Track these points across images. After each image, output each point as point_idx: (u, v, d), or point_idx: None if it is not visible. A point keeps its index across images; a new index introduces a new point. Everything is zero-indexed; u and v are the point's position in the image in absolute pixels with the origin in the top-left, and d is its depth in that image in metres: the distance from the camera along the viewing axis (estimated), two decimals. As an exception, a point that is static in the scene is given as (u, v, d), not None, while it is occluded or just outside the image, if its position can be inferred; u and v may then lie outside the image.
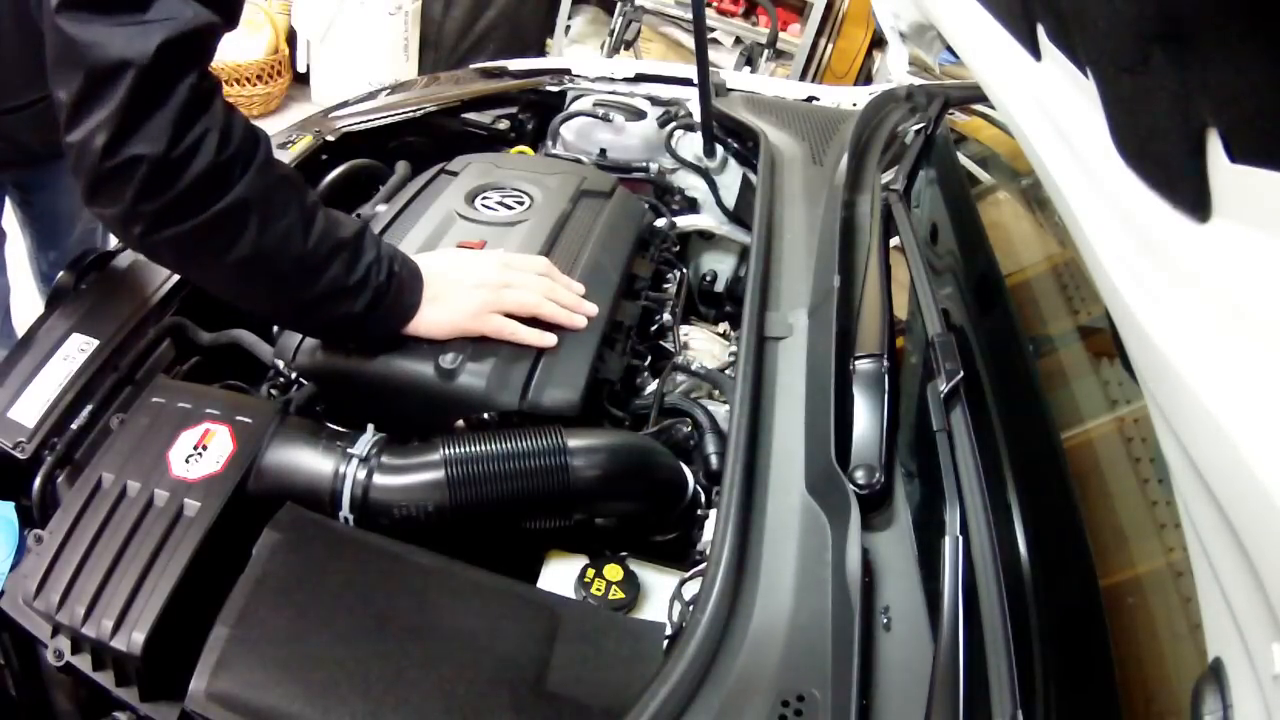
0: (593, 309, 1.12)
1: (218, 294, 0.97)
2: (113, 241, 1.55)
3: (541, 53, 4.56)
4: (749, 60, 4.05)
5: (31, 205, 1.75)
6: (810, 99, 2.03)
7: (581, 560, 0.97)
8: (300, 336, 1.07)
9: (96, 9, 0.72)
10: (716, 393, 1.26)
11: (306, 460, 0.94)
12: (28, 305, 1.93)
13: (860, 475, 0.90)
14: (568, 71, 1.95)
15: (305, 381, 1.11)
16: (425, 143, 1.75)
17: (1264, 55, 0.44)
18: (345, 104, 1.82)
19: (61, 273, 1.21)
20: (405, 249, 1.20)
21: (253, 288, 0.92)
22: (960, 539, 0.79)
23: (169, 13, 0.74)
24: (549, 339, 1.05)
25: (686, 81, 1.87)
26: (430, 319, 1.01)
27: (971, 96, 1.65)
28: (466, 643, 0.81)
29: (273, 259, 0.86)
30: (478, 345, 1.04)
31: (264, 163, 0.84)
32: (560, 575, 0.96)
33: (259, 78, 4.08)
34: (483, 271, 1.05)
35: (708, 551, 0.87)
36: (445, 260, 1.07)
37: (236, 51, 4.01)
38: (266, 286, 0.91)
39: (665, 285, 1.46)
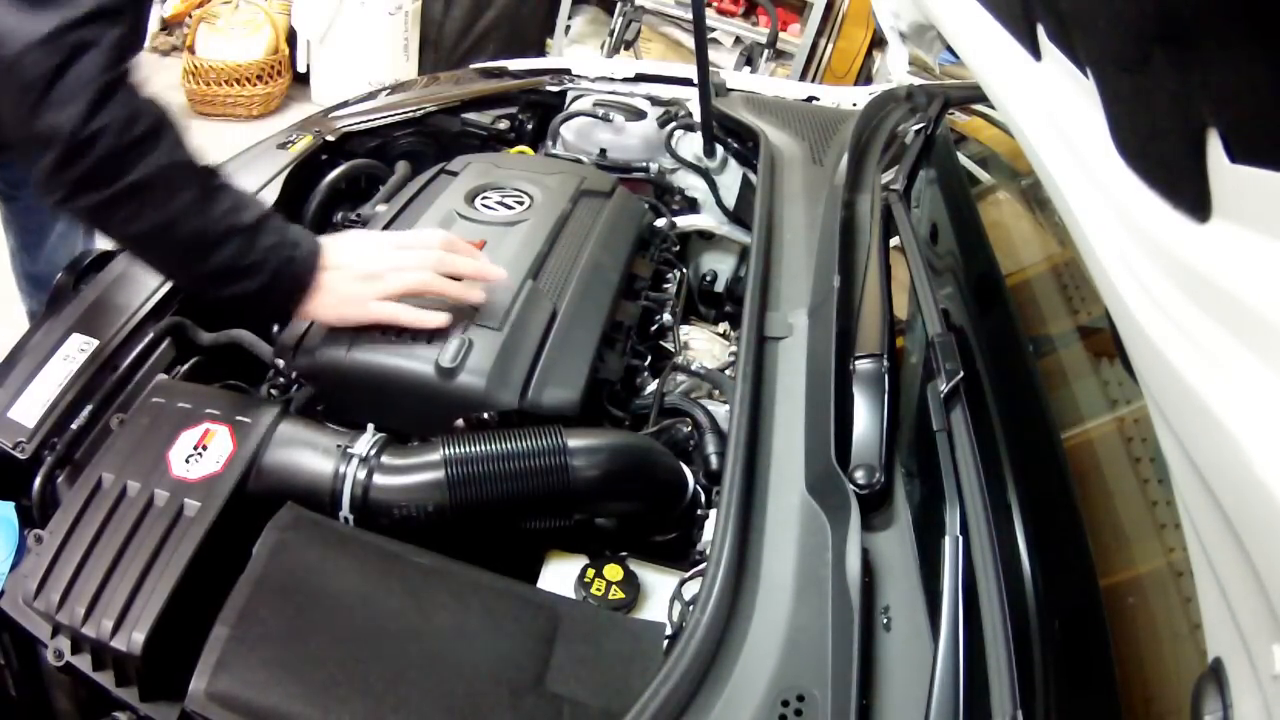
0: (498, 273, 1.09)
1: (135, 258, 1.08)
2: (96, 241, 1.55)
3: (541, 53, 4.55)
4: (749, 60, 4.05)
5: (16, 199, 1.75)
6: (810, 99, 2.03)
7: (581, 560, 0.97)
8: (300, 336, 1.08)
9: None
10: (716, 393, 1.25)
11: (306, 460, 0.94)
12: (12, 309, 1.93)
13: (860, 475, 0.90)
14: (568, 71, 1.94)
15: (305, 381, 1.11)
16: (425, 143, 1.75)
17: (1264, 55, 0.44)
18: (345, 104, 1.82)
19: (61, 273, 1.21)
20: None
21: (155, 257, 1.02)
22: (960, 539, 0.79)
23: (69, 2, 0.84)
24: (435, 319, 1.04)
25: (686, 81, 1.87)
26: (320, 306, 1.03)
27: (971, 96, 1.65)
28: (467, 643, 0.81)
29: (169, 235, 0.94)
30: (477, 344, 1.04)
31: (168, 146, 0.92)
32: (560, 575, 0.96)
33: (259, 78, 4.08)
34: (368, 261, 1.05)
35: (708, 551, 0.87)
36: (343, 248, 1.06)
37: (236, 51, 4.01)
38: (166, 258, 1.01)
39: (665, 285, 1.46)
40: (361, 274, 1.04)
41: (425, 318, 1.04)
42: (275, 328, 1.14)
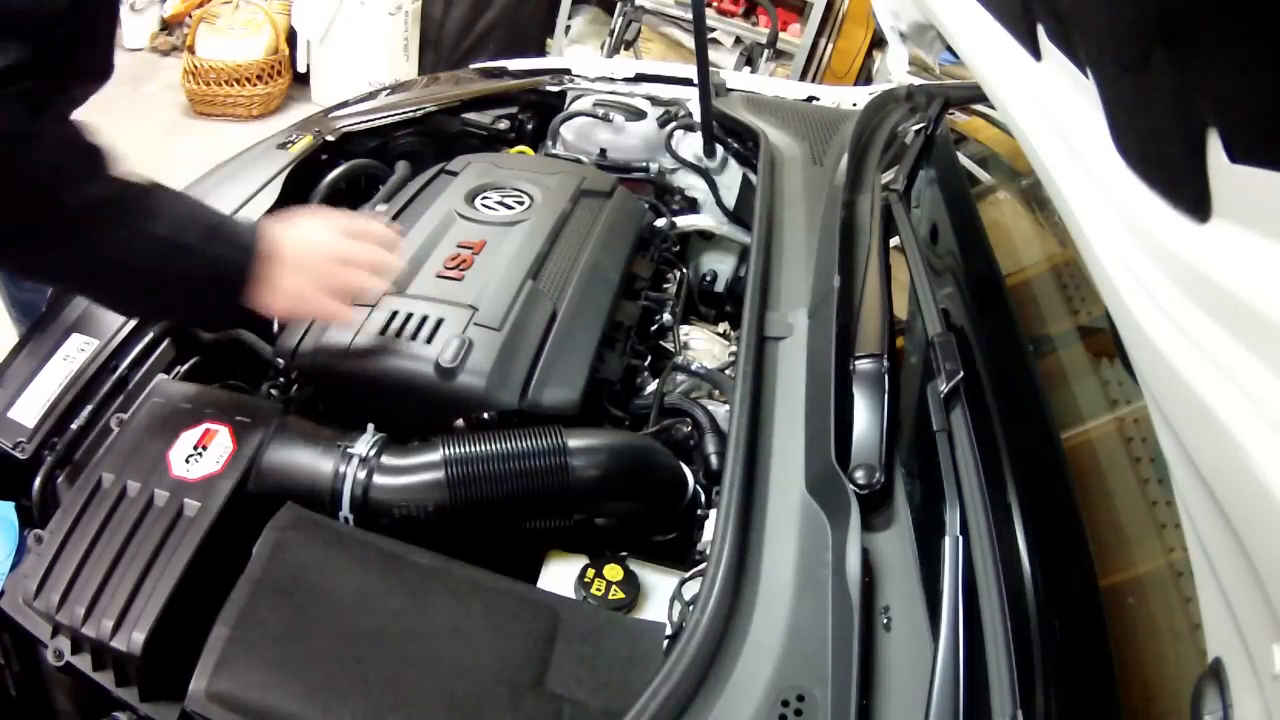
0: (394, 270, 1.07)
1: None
2: None
3: (541, 53, 4.55)
4: (749, 60, 4.06)
5: None
6: (810, 99, 2.03)
7: (581, 560, 0.97)
8: (300, 335, 1.07)
9: None
10: (716, 393, 1.25)
11: (306, 460, 0.94)
12: (3, 332, 1.92)
13: (860, 475, 0.90)
14: (568, 71, 1.95)
15: (305, 381, 1.11)
16: (425, 143, 1.75)
17: (1264, 55, 0.44)
18: (345, 104, 1.82)
19: (51, 291, 1.21)
20: (405, 250, 1.21)
21: (100, 294, 0.99)
22: (960, 539, 0.79)
23: None
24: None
25: (686, 81, 1.87)
26: (264, 298, 0.95)
27: (971, 96, 1.65)
28: (466, 643, 0.81)
29: (118, 271, 0.89)
30: (477, 344, 1.04)
31: (96, 183, 0.85)
32: (560, 575, 0.96)
33: (259, 78, 4.08)
34: (316, 252, 0.98)
35: (708, 551, 0.87)
36: (289, 236, 0.98)
37: (236, 51, 4.01)
38: (112, 293, 0.96)
39: (665, 285, 1.46)
40: (307, 267, 0.97)
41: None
42: (276, 327, 1.14)
